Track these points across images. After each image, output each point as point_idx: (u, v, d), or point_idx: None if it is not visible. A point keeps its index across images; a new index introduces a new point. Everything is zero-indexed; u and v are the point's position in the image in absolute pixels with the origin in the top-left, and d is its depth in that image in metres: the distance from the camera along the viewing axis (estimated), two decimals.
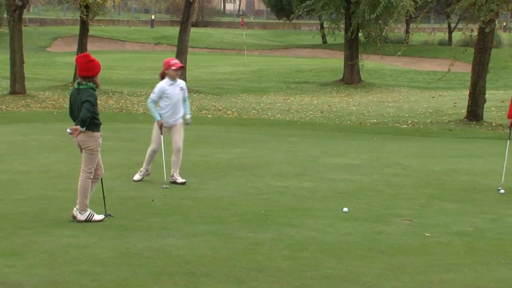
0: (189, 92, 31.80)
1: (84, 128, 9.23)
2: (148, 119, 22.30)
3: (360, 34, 36.31)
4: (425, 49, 55.16)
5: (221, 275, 7.21)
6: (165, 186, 11.42)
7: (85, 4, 30.22)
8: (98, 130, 9.38)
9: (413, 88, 37.50)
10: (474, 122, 22.74)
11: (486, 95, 23.71)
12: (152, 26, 69.35)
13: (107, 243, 8.24)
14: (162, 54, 53.94)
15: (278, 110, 26.42)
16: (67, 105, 25.91)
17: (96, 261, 7.57)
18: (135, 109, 25.61)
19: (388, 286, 7.03)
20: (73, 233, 8.66)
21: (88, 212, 9.31)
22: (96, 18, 32.64)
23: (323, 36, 60.38)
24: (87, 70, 9.21)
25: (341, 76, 38.11)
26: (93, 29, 40.80)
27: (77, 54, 32.04)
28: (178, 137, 11.75)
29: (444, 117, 24.51)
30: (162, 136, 11.67)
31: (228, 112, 25.52)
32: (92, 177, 9.42)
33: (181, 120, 11.76)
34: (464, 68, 37.18)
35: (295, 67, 44.94)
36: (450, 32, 61.43)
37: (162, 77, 11.72)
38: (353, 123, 23.04)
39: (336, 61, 46.90)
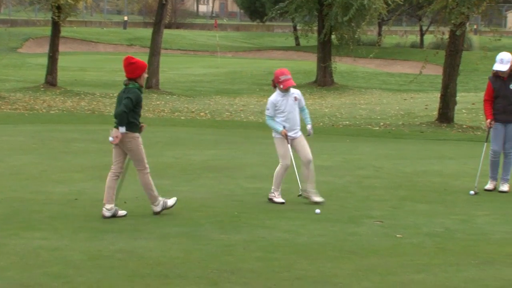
0: (161, 94, 31.89)
1: (124, 129, 9.43)
2: None
3: (333, 37, 36.42)
4: (397, 52, 55.46)
5: (193, 277, 7.22)
6: (300, 194, 10.83)
7: (56, 5, 30.05)
8: (137, 131, 9.61)
9: (385, 90, 37.69)
10: (445, 124, 22.89)
11: (457, 98, 23.87)
12: (124, 28, 69.09)
13: (79, 245, 8.21)
14: (135, 55, 53.61)
15: (252, 112, 26.45)
16: (38, 106, 25.84)
17: (68, 263, 7.55)
18: (107, 110, 25.50)
19: (359, 287, 7.07)
20: (44, 235, 8.62)
21: (161, 202, 9.73)
22: (68, 19, 32.46)
23: (296, 38, 60.41)
24: (128, 73, 9.58)
25: (314, 78, 38.21)
26: (65, 30, 40.57)
27: (49, 55, 31.95)
28: (305, 150, 10.80)
29: (416, 119, 24.66)
30: (290, 146, 10.78)
31: (201, 114, 25.51)
32: (147, 171, 9.70)
33: (299, 133, 10.91)
34: (436, 71, 37.43)
35: (268, 69, 44.92)
36: (421, 35, 61.81)
37: (274, 85, 11.01)
38: (325, 125, 23.12)
39: (309, 63, 47.03)
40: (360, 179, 12.78)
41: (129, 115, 9.47)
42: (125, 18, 72.78)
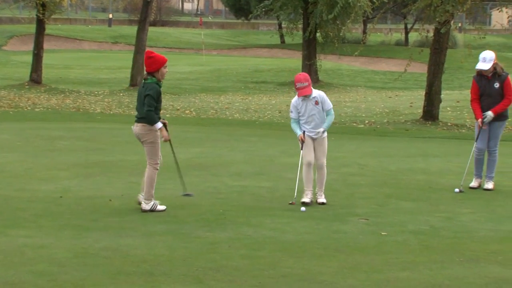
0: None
1: (160, 124, 9.78)
2: (106, 119, 22.21)
3: (318, 34, 36.41)
4: (382, 50, 55.53)
5: (178, 275, 7.21)
6: (292, 202, 10.57)
7: (41, 2, 29.95)
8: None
9: (370, 88, 37.76)
10: (429, 122, 22.95)
11: (442, 95, 23.94)
12: (109, 25, 68.87)
13: (64, 243, 8.19)
14: (120, 53, 53.65)
15: (237, 110, 26.44)
16: (23, 104, 25.73)
17: (53, 261, 7.52)
18: (92, 108, 25.44)
19: (344, 285, 7.09)
20: (29, 233, 8.59)
21: (152, 202, 9.80)
22: (52, 16, 32.35)
23: (281, 36, 60.52)
24: (147, 66, 9.84)
25: None
26: (49, 28, 40.40)
27: (34, 53, 31.81)
28: (319, 153, 10.73)
29: (401, 117, 24.71)
30: (306, 149, 10.60)
31: (187, 111, 25.47)
32: (158, 168, 9.88)
33: (324, 134, 10.81)
34: (420, 69, 37.53)
35: (254, 67, 44.99)
36: (406, 33, 61.96)
37: None
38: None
39: (294, 61, 47.01)
40: (345, 177, 12.80)
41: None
42: (110, 15, 72.52)
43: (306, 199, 10.56)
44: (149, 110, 9.69)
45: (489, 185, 12.00)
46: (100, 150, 15.23)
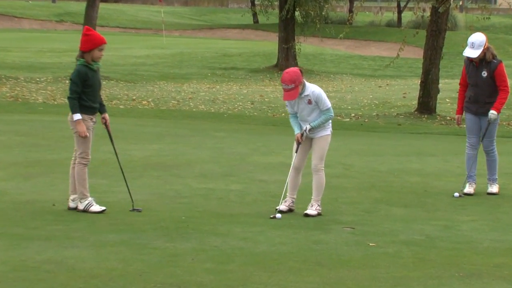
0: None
1: (79, 116, 9.85)
2: (49, 110, 22.10)
3: (296, 13, 36.51)
4: (371, 31, 55.78)
5: None
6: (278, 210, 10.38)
7: None
8: (83, 112, 9.93)
9: (357, 76, 37.91)
10: (426, 116, 23.08)
11: (440, 85, 24.09)
12: (53, 1, 68.58)
13: None
14: (66, 33, 53.42)
15: (202, 101, 26.44)
16: None
17: None
18: (33, 98, 25.31)
19: None
20: None
21: (87, 201, 10.02)
22: None
23: (255, 15, 60.60)
24: (80, 44, 9.97)
25: (274, 62, 38.31)
26: None
27: None
28: (315, 154, 10.61)
29: (392, 110, 24.84)
30: (298, 151, 10.66)
31: (144, 102, 25.44)
32: (85, 162, 10.06)
33: (321, 133, 10.63)
34: (415, 54, 37.78)
35: (222, 50, 45.01)
36: (399, 12, 62.28)
37: None
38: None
39: (269, 44, 47.12)
40: (327, 179, 12.75)
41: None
42: None
43: (283, 206, 10.50)
44: (69, 97, 9.92)
45: (493, 188, 12.05)
46: (42, 146, 15.16)
